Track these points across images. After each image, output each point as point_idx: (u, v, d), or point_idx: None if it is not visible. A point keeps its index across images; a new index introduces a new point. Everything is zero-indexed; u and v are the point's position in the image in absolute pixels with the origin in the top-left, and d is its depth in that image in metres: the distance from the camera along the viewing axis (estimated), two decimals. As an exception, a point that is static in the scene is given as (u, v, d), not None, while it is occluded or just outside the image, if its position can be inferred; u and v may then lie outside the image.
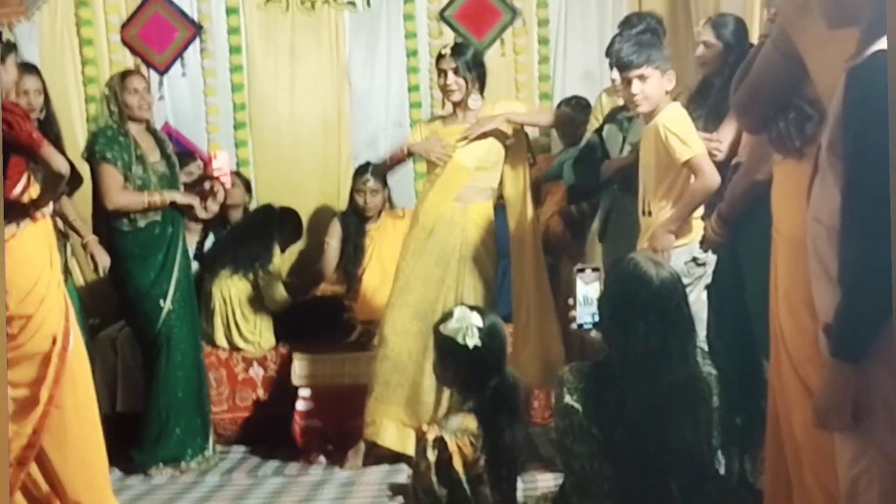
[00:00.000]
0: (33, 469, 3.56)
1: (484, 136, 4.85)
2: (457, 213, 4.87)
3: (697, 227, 3.97)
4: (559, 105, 6.08)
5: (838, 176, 2.24)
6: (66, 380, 3.58)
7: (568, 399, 2.90)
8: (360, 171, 5.90)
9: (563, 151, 5.83)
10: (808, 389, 2.52)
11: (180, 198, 5.03)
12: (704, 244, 3.75)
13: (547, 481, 4.34)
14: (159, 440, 4.98)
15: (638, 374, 2.87)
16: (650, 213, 4.05)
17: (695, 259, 3.95)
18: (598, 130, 5.14)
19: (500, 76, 6.49)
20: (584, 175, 5.06)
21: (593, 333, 3.11)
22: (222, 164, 5.16)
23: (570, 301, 3.09)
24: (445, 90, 4.90)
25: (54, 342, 3.54)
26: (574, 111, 5.89)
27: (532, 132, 6.36)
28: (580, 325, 3.11)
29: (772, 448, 2.80)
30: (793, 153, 2.69)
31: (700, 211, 3.99)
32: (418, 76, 6.44)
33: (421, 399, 4.75)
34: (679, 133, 3.94)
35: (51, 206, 3.69)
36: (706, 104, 4.28)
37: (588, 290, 3.10)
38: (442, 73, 4.88)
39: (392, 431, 4.80)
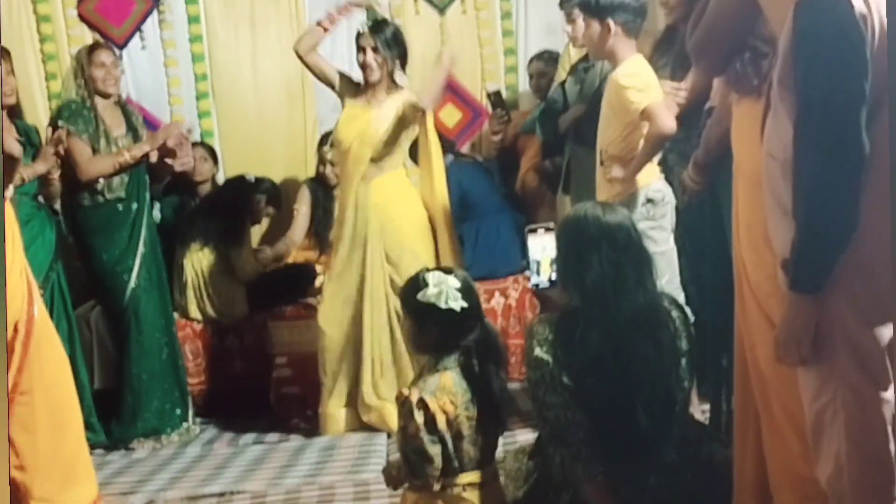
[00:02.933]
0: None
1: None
2: (360, 193, 4.88)
3: (649, 170, 3.99)
4: (531, 61, 6.08)
5: (789, 109, 2.25)
6: (34, 366, 3.52)
7: (538, 351, 2.93)
8: (322, 141, 5.89)
9: (537, 106, 5.83)
10: (771, 323, 2.54)
11: (147, 146, 4.97)
12: (685, 193, 3.77)
13: (526, 435, 4.36)
14: (137, 414, 5.00)
15: (597, 304, 2.92)
16: (603, 163, 4.06)
17: (650, 200, 3.96)
18: (562, 83, 5.15)
19: (463, 34, 6.48)
20: (547, 129, 5.07)
21: (549, 292, 3.13)
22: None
23: (516, 267, 3.12)
24: (364, 67, 4.86)
25: (16, 330, 3.48)
26: (546, 65, 5.90)
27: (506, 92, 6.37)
28: (536, 286, 3.14)
29: (739, 382, 2.83)
30: (751, 92, 2.71)
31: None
32: (381, 38, 6.40)
33: (365, 382, 4.84)
34: (636, 84, 3.94)
35: (10, 190, 3.65)
36: (672, 51, 4.27)
37: (541, 249, 3.13)
38: (361, 49, 4.85)
39: (343, 419, 4.93)
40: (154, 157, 5.03)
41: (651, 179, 4.01)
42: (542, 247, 3.14)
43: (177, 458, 4.77)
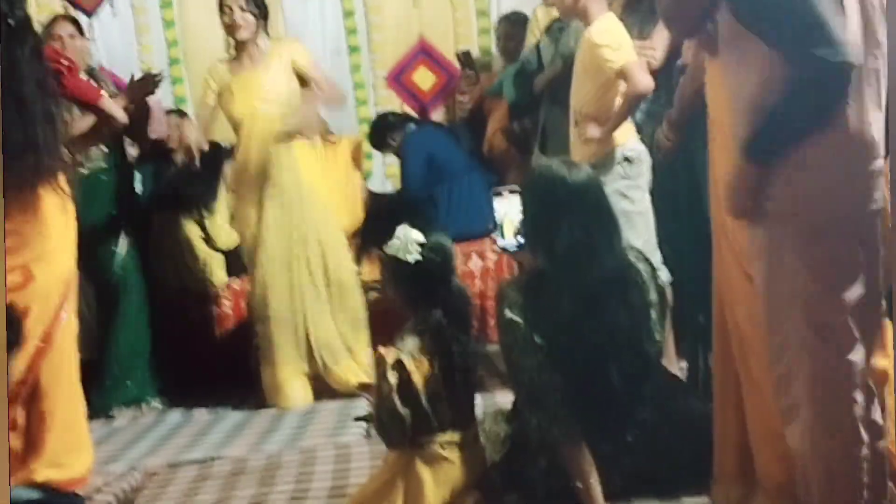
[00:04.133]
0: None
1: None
2: (282, 154, 4.82)
3: (625, 129, 3.99)
4: (499, 23, 6.05)
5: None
6: (64, 323, 3.60)
7: (509, 314, 2.94)
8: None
9: (504, 69, 5.82)
10: (750, 280, 2.55)
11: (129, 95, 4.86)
12: (659, 152, 3.77)
13: (505, 397, 4.37)
14: (120, 383, 5.00)
15: (568, 269, 2.94)
16: (577, 123, 4.06)
17: (627, 159, 3.97)
18: (537, 44, 5.15)
19: (436, -4, 6.46)
20: (522, 90, 5.07)
21: (518, 255, 3.15)
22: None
23: (490, 225, 3.12)
24: (232, 28, 4.76)
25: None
26: (514, 28, 5.88)
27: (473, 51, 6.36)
28: (503, 249, 3.15)
29: (718, 340, 2.83)
30: None
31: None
32: (353, 2, 6.36)
33: (314, 344, 4.85)
34: (610, 43, 3.93)
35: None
36: (641, 9, 4.26)
37: (505, 212, 3.14)
38: (226, 9, 4.74)
39: (298, 390, 4.88)
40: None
41: (627, 138, 4.01)
42: (506, 209, 3.15)
43: (157, 426, 4.79)
